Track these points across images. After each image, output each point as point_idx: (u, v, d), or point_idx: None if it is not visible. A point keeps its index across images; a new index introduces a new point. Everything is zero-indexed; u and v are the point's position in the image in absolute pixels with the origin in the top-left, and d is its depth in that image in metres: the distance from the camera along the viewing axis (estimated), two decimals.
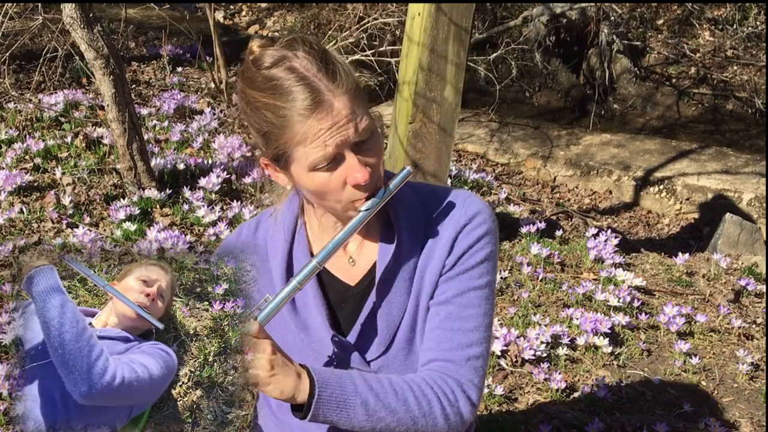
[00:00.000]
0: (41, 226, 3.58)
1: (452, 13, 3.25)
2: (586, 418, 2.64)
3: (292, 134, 1.30)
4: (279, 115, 1.30)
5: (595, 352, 3.07)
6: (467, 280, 1.43)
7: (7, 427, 2.52)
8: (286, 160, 1.34)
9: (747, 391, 2.93)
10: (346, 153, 1.31)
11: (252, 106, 1.34)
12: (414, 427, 1.37)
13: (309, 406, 1.29)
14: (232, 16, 8.91)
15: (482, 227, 1.44)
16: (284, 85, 1.30)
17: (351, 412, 1.32)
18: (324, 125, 1.29)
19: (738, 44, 7.56)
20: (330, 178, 1.33)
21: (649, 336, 3.25)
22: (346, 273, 1.48)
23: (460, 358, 1.41)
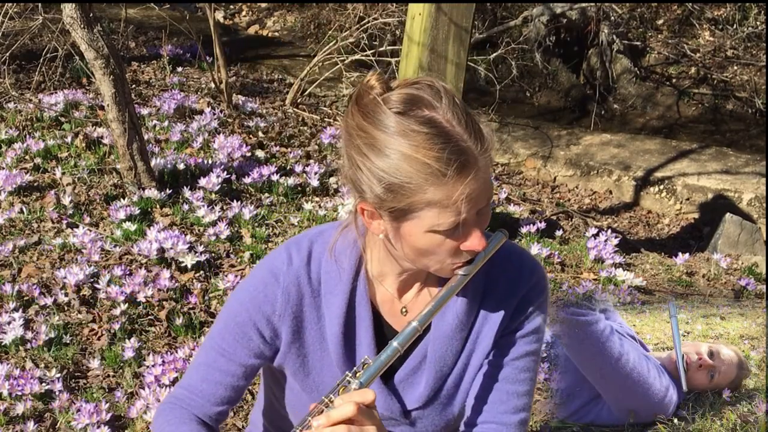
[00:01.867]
0: (41, 226, 3.58)
1: (452, 13, 3.25)
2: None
3: (427, 195, 1.18)
4: (417, 171, 1.17)
5: None
6: (524, 344, 1.41)
7: (7, 427, 2.52)
8: (404, 215, 1.22)
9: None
10: (470, 220, 1.23)
11: (376, 150, 1.19)
12: None
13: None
14: (232, 16, 8.91)
15: (543, 293, 1.42)
16: (426, 139, 1.16)
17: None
18: (465, 191, 1.18)
19: (738, 44, 7.56)
20: (446, 242, 1.24)
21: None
22: (398, 321, 1.42)
23: (513, 422, 1.42)
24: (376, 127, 1.19)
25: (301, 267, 1.38)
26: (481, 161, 1.20)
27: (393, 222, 1.25)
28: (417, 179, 1.18)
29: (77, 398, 2.63)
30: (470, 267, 1.29)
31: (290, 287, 1.37)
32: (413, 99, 1.19)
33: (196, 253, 3.34)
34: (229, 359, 1.41)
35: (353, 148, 1.23)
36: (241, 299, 1.41)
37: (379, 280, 1.40)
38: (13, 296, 3.03)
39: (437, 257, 1.27)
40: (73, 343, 2.89)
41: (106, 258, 3.35)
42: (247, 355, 1.41)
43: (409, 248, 1.27)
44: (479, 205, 1.22)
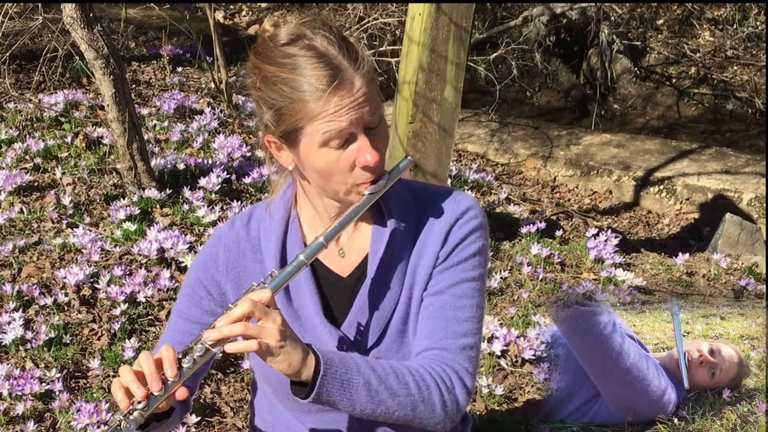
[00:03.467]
0: (41, 226, 3.58)
1: (452, 13, 3.25)
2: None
3: (308, 109, 1.31)
4: (297, 90, 1.31)
5: None
6: (461, 272, 1.45)
7: (7, 427, 2.52)
8: (297, 136, 1.34)
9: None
10: (358, 134, 1.33)
11: (267, 81, 1.34)
12: (413, 413, 1.37)
13: (313, 385, 1.28)
14: (232, 16, 8.91)
15: (474, 221, 1.46)
16: (304, 61, 1.31)
17: (354, 392, 1.31)
18: (343, 102, 1.30)
19: (738, 44, 7.56)
20: (340, 157, 1.34)
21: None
22: (337, 264, 1.49)
23: (455, 346, 1.42)
24: (264, 62, 1.35)
25: (240, 227, 1.52)
26: (357, 77, 1.32)
27: (291, 147, 1.37)
28: (298, 97, 1.31)
29: (77, 398, 2.63)
30: (375, 187, 1.37)
31: (230, 245, 1.51)
32: (296, 33, 1.33)
33: (196, 253, 3.33)
34: (185, 319, 1.53)
35: (252, 88, 1.38)
36: (193, 264, 1.57)
37: (314, 229, 1.49)
38: (13, 296, 3.03)
39: (339, 177, 1.36)
40: (73, 343, 2.89)
41: (106, 258, 3.35)
42: (200, 313, 1.51)
43: (313, 172, 1.38)
44: (363, 117, 1.32)
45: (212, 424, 2.62)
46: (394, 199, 1.46)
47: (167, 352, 1.25)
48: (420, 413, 1.37)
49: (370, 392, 1.32)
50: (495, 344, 2.98)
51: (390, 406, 1.34)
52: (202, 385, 2.75)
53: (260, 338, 1.24)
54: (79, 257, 3.30)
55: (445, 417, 1.39)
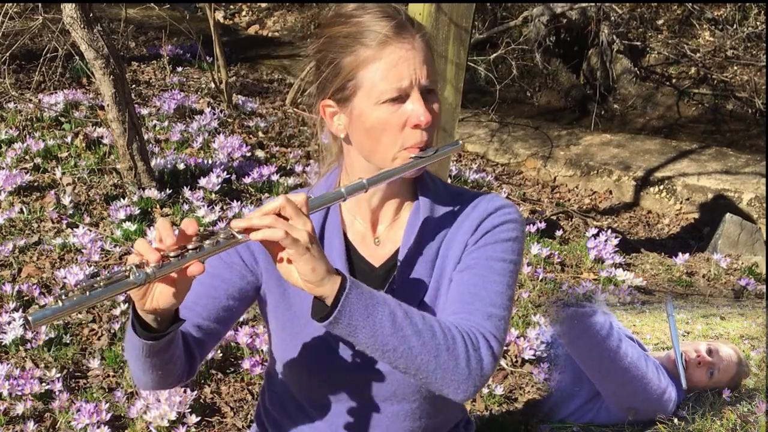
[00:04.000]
0: (41, 226, 3.58)
1: (452, 13, 3.25)
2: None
3: (370, 55, 1.32)
4: (359, 37, 1.33)
5: None
6: (492, 251, 1.42)
7: (7, 427, 2.52)
8: (353, 90, 1.35)
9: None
10: (413, 93, 1.34)
11: (327, 41, 1.37)
12: (435, 361, 1.27)
13: (336, 302, 1.21)
14: (232, 16, 8.91)
15: (508, 215, 1.46)
16: (368, 17, 1.35)
17: (377, 320, 1.23)
18: (402, 54, 1.32)
19: (738, 44, 7.56)
20: (393, 115, 1.34)
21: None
22: (372, 253, 1.49)
23: (482, 312, 1.36)
24: (328, 26, 1.38)
25: None
26: (417, 38, 1.34)
27: (344, 106, 1.37)
28: (359, 43, 1.33)
29: (77, 398, 2.63)
30: (422, 153, 1.37)
31: None
32: (359, 5, 1.37)
33: None
34: (213, 276, 1.45)
35: (314, 58, 1.41)
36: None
37: (353, 215, 1.48)
38: (13, 296, 3.03)
39: (390, 137, 1.35)
40: (73, 343, 2.89)
41: (106, 258, 3.35)
42: (230, 274, 1.46)
43: (363, 133, 1.37)
44: (420, 76, 1.33)
45: (212, 424, 2.62)
46: (432, 194, 1.47)
47: (190, 224, 1.19)
48: (443, 363, 1.27)
49: (394, 324, 1.24)
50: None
51: (413, 345, 1.25)
52: (202, 384, 2.75)
53: (289, 232, 1.19)
54: (79, 257, 3.30)
55: (468, 375, 1.29)
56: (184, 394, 2.58)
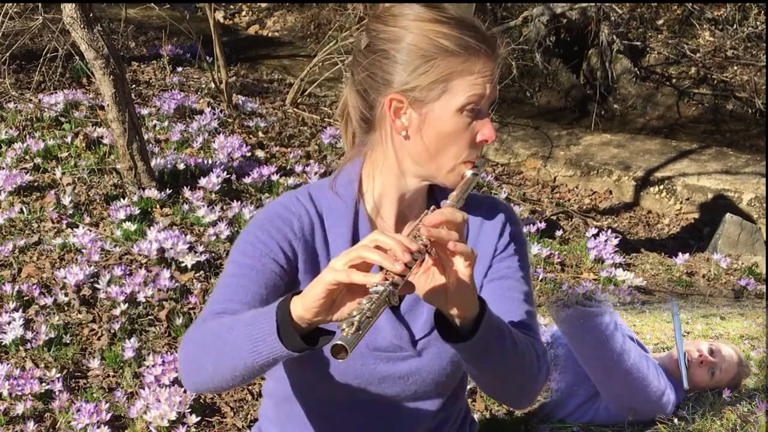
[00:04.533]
0: (41, 226, 3.58)
1: None
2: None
3: (458, 64, 1.32)
4: (456, 44, 1.32)
5: None
6: (518, 261, 1.50)
7: (7, 427, 2.52)
8: (439, 93, 1.33)
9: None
10: (484, 110, 1.37)
11: (419, 33, 1.33)
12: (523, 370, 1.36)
13: (476, 328, 1.23)
14: (232, 16, 8.91)
15: (519, 223, 1.54)
16: (462, 21, 1.34)
17: (504, 341, 1.29)
18: (487, 69, 1.34)
19: (738, 44, 7.56)
20: (468, 127, 1.36)
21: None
22: None
23: (534, 325, 1.46)
24: (411, 19, 1.34)
25: (306, 202, 1.45)
26: (497, 54, 1.36)
27: (422, 108, 1.35)
28: (456, 52, 1.32)
29: (77, 398, 2.63)
30: (477, 168, 1.40)
31: (302, 216, 1.43)
32: (433, 4, 1.35)
33: (196, 253, 3.33)
34: (258, 271, 1.38)
35: (382, 46, 1.35)
36: (260, 224, 1.42)
37: (375, 214, 1.46)
38: (13, 296, 3.03)
39: (456, 148, 1.36)
40: (73, 343, 2.89)
41: (106, 258, 3.35)
42: (271, 263, 1.38)
43: (433, 138, 1.36)
44: (493, 93, 1.36)
45: (212, 424, 2.62)
46: (448, 193, 1.48)
47: (401, 237, 1.16)
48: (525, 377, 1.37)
49: (515, 344, 1.31)
50: None
51: (518, 367, 1.34)
52: None
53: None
54: (79, 257, 3.30)
55: (539, 386, 1.41)
56: (184, 394, 2.58)
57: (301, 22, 8.40)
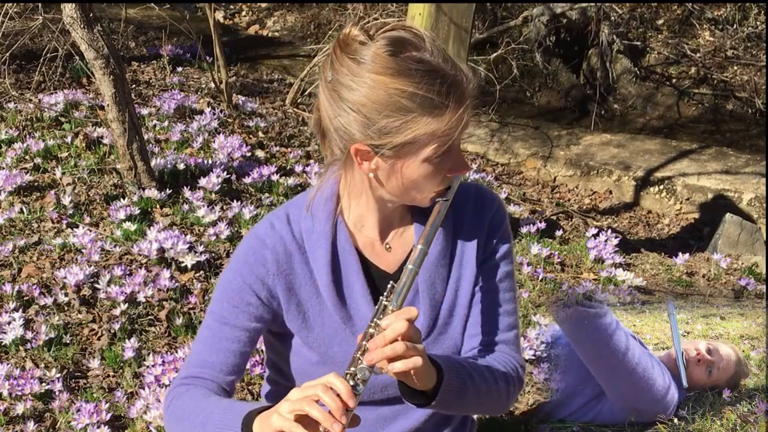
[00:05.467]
0: (41, 226, 3.58)
1: (452, 13, 3.26)
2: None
3: (431, 127, 1.29)
4: (421, 106, 1.27)
5: None
6: (504, 266, 1.52)
7: (7, 427, 2.52)
8: (401, 148, 1.30)
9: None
10: (454, 145, 1.36)
11: (377, 91, 1.26)
12: (494, 404, 1.51)
13: (435, 394, 1.33)
14: (232, 16, 8.91)
15: (506, 218, 1.55)
16: (427, 75, 1.27)
17: (464, 397, 1.39)
18: (462, 120, 1.31)
19: (738, 44, 7.56)
20: (438, 168, 1.34)
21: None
22: (384, 260, 1.49)
23: (510, 338, 1.52)
24: (370, 71, 1.27)
25: (283, 228, 1.46)
26: (468, 92, 1.32)
27: (390, 159, 1.33)
28: (420, 112, 1.27)
29: (77, 398, 2.63)
30: (449, 192, 1.40)
31: (277, 247, 1.44)
32: (400, 41, 1.28)
33: (196, 253, 3.33)
34: (232, 326, 1.45)
35: (344, 95, 1.29)
36: (234, 267, 1.47)
37: (359, 228, 1.47)
38: (13, 296, 3.03)
39: (427, 186, 1.36)
40: (73, 343, 2.89)
41: (106, 258, 3.35)
42: (248, 319, 1.44)
43: (403, 181, 1.36)
44: (463, 130, 1.34)
45: None
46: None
47: (343, 385, 1.22)
48: (495, 403, 1.51)
49: (478, 396, 1.42)
50: None
51: (483, 403, 1.47)
52: None
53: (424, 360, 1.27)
54: (79, 257, 3.30)
55: (508, 405, 1.55)
56: None
57: (301, 22, 8.40)
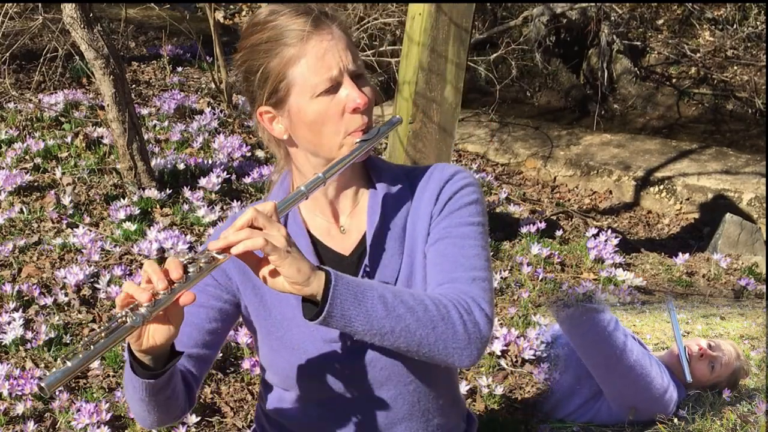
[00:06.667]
0: (41, 226, 3.58)
1: (452, 13, 3.25)
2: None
3: (291, 54, 1.35)
4: (278, 40, 1.35)
5: None
6: (459, 217, 1.46)
7: (7, 427, 2.52)
8: (287, 92, 1.37)
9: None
10: (344, 80, 1.37)
11: (251, 50, 1.39)
12: (434, 332, 1.30)
13: (326, 296, 1.22)
14: (232, 16, 8.91)
15: (464, 180, 1.50)
16: (282, 19, 1.36)
17: (369, 305, 1.26)
18: (323, 44, 1.35)
19: (738, 44, 7.56)
20: (330, 104, 1.36)
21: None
22: (340, 243, 1.51)
23: (466, 278, 1.40)
24: (246, 36, 1.40)
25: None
26: (333, 25, 1.37)
27: (281, 109, 1.39)
28: (281, 46, 1.35)
29: (77, 398, 2.63)
30: (367, 134, 1.40)
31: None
32: (270, 8, 1.39)
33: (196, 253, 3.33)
34: (195, 305, 1.44)
35: (240, 71, 1.42)
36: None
37: (313, 214, 1.51)
38: (13, 296, 3.03)
39: (331, 126, 1.38)
40: (73, 343, 2.89)
41: (106, 258, 3.35)
42: (206, 298, 1.49)
43: (305, 129, 1.39)
44: (347, 62, 1.36)
45: (212, 424, 2.62)
46: (386, 174, 1.51)
47: (172, 261, 1.22)
48: (442, 333, 1.31)
49: (386, 306, 1.27)
50: (495, 344, 2.98)
51: (409, 323, 1.28)
52: (202, 385, 2.75)
53: (268, 239, 1.21)
54: (79, 257, 3.30)
55: (468, 339, 1.32)
56: None
57: None
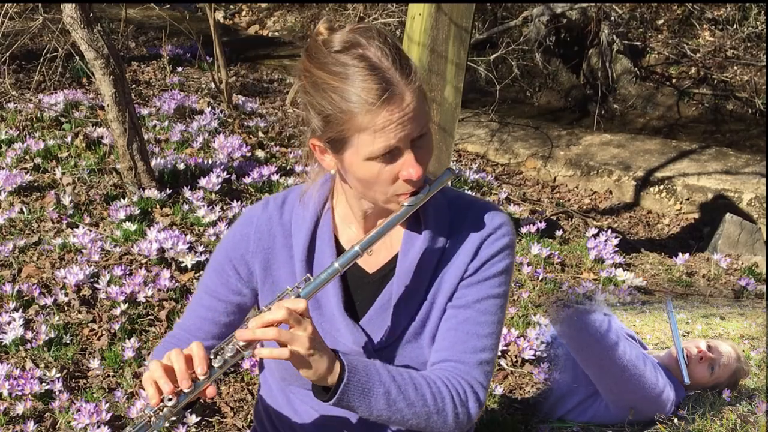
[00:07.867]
0: (41, 226, 3.58)
1: (452, 13, 3.25)
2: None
3: (356, 121, 1.30)
4: (346, 100, 1.30)
5: None
6: (487, 288, 1.47)
7: (7, 427, 2.52)
8: (343, 145, 1.34)
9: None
10: (404, 148, 1.34)
11: (317, 86, 1.33)
12: (426, 422, 1.42)
13: (336, 390, 1.32)
14: (232, 16, 8.91)
15: (505, 238, 1.48)
16: (356, 72, 1.30)
17: (373, 399, 1.36)
18: (393, 118, 1.30)
19: (738, 44, 7.56)
20: (383, 170, 1.35)
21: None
22: (365, 260, 1.50)
23: (472, 361, 1.46)
24: (316, 66, 1.34)
25: (274, 210, 1.54)
26: (407, 92, 1.31)
27: (336, 154, 1.37)
28: (347, 107, 1.30)
29: (77, 398, 2.63)
30: (415, 199, 1.39)
31: (262, 227, 1.52)
32: (350, 40, 1.32)
33: (196, 253, 3.34)
34: (211, 296, 1.56)
35: (302, 91, 1.37)
36: (222, 243, 1.58)
37: (346, 224, 1.51)
38: (13, 296, 3.03)
39: (380, 187, 1.37)
40: (73, 343, 2.89)
41: (106, 258, 3.35)
42: (226, 292, 1.54)
43: (354, 179, 1.39)
44: (411, 133, 1.32)
45: (212, 424, 2.62)
46: (431, 202, 1.46)
47: (198, 350, 1.28)
48: (433, 423, 1.42)
49: (388, 401, 1.37)
50: None
51: (405, 414, 1.40)
52: None
53: (291, 345, 1.27)
54: (79, 257, 3.30)
55: (456, 427, 1.44)
56: None
57: (301, 22, 8.40)
